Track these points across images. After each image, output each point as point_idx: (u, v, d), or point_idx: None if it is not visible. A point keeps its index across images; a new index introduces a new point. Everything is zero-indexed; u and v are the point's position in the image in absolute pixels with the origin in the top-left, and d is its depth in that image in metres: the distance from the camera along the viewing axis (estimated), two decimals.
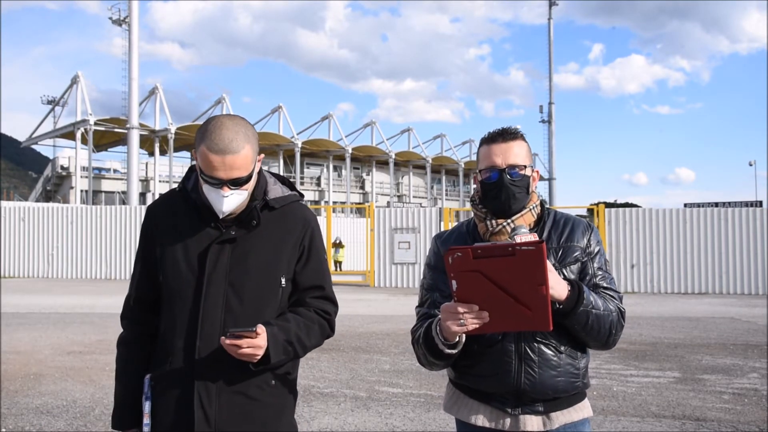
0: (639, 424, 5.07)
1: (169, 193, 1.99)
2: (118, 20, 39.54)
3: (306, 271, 1.93)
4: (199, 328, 1.82)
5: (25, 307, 12.50)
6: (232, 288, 1.84)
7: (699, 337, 9.39)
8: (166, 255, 1.88)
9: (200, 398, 1.81)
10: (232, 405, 1.83)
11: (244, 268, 1.85)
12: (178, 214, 1.91)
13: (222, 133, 1.75)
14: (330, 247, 20.47)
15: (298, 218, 1.95)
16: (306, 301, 1.94)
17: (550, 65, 47.82)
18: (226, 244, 1.86)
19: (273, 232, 1.90)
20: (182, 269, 1.85)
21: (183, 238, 1.88)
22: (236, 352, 1.73)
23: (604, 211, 17.68)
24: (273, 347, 1.78)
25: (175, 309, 1.86)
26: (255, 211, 1.86)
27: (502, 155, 1.89)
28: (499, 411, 1.89)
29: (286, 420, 1.95)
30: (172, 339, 1.86)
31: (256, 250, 1.87)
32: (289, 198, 1.95)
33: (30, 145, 52.08)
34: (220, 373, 1.81)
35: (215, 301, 1.83)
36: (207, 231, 1.87)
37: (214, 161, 1.75)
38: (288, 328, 1.84)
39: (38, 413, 5.35)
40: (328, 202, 51.84)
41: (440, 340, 1.77)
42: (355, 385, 6.30)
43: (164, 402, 1.85)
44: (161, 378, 1.87)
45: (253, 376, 1.83)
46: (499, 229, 1.90)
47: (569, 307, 1.76)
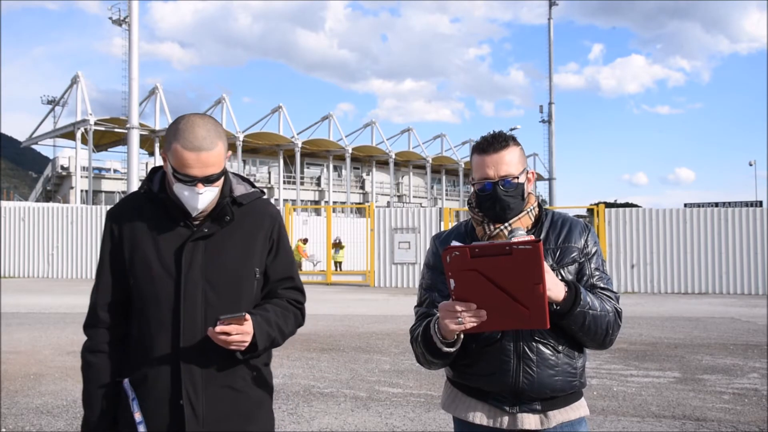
0: (639, 424, 5.07)
1: (131, 196, 1.99)
2: (118, 20, 39.52)
3: (276, 263, 1.99)
4: (181, 327, 1.83)
5: (25, 307, 12.50)
6: (209, 284, 1.86)
7: (699, 337, 9.39)
8: (135, 258, 1.87)
9: (188, 394, 1.82)
10: (218, 399, 1.85)
11: (219, 264, 1.88)
12: (144, 216, 1.90)
13: (195, 130, 1.78)
14: (330, 248, 20.46)
15: (265, 213, 2.00)
16: (278, 292, 1.99)
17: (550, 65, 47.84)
18: (200, 242, 1.87)
19: (243, 227, 1.94)
20: (156, 270, 1.85)
21: (153, 239, 1.87)
22: (226, 340, 1.75)
23: (604, 211, 17.68)
24: (259, 334, 1.82)
25: (151, 311, 1.86)
26: (228, 207, 1.90)
27: (494, 167, 1.89)
28: (497, 409, 1.90)
29: (265, 411, 1.99)
30: (150, 340, 1.85)
31: (229, 246, 1.90)
32: (253, 195, 2.00)
33: (30, 145, 52.10)
34: (206, 367, 1.84)
35: (194, 299, 1.84)
36: (178, 230, 1.88)
37: (189, 159, 1.77)
38: (268, 317, 1.89)
39: (38, 413, 5.35)
40: (328, 202, 51.85)
41: (438, 338, 1.78)
42: (355, 385, 6.30)
43: (150, 402, 1.85)
44: (143, 379, 1.86)
45: (236, 366, 1.87)
46: (497, 233, 1.91)
47: (566, 308, 1.77)
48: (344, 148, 54.61)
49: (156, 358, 1.84)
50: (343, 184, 56.49)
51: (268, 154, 54.35)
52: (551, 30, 47.27)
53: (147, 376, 1.85)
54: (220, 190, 1.88)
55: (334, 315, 11.79)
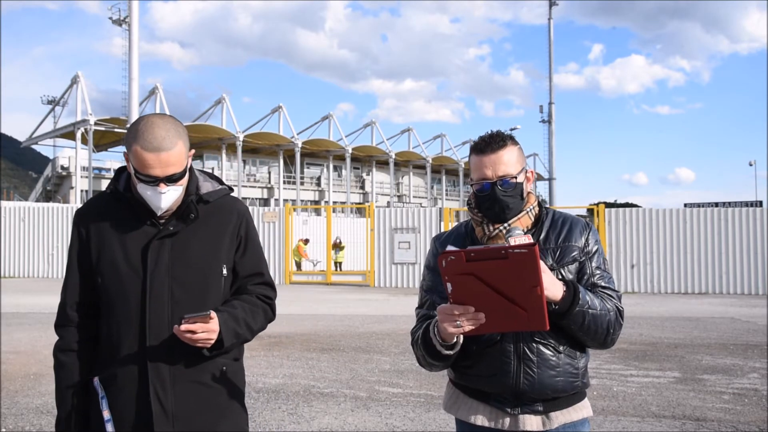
0: (639, 424, 5.07)
1: (98, 196, 2.00)
2: (118, 20, 39.51)
3: (245, 259, 2.00)
4: (147, 324, 1.84)
5: (25, 307, 12.49)
6: (175, 281, 1.87)
7: (699, 337, 9.39)
8: (103, 256, 1.89)
9: (156, 391, 1.83)
10: (187, 394, 1.86)
11: (185, 261, 1.89)
12: (111, 216, 1.92)
13: (154, 131, 1.78)
14: (330, 248, 20.46)
15: (232, 210, 2.01)
16: (247, 288, 2.01)
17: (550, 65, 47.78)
18: (166, 240, 1.89)
19: (210, 224, 1.95)
20: (122, 269, 1.87)
21: (119, 238, 1.89)
22: (191, 338, 1.76)
23: (604, 211, 17.68)
24: (225, 332, 1.83)
25: (118, 309, 1.87)
26: (192, 205, 1.91)
27: (492, 167, 1.88)
28: (499, 411, 1.89)
29: (238, 406, 1.99)
30: (118, 338, 1.87)
31: (195, 243, 1.91)
32: (220, 192, 2.00)
33: (30, 145, 52.10)
34: (173, 364, 1.85)
35: (160, 296, 1.85)
36: (144, 229, 1.89)
37: (149, 159, 1.78)
38: (236, 313, 1.90)
39: (38, 413, 5.35)
40: (328, 202, 51.84)
41: (438, 341, 1.77)
42: (355, 385, 6.30)
43: (119, 400, 1.86)
44: (112, 378, 1.87)
45: (204, 362, 1.87)
46: (496, 233, 1.90)
47: (565, 308, 1.76)
48: (344, 148, 54.61)
49: (124, 356, 1.85)
50: (343, 184, 56.49)
51: (268, 154, 54.35)
52: (551, 30, 47.24)
53: (116, 375, 1.86)
54: (184, 189, 1.89)
55: (334, 315, 11.79)
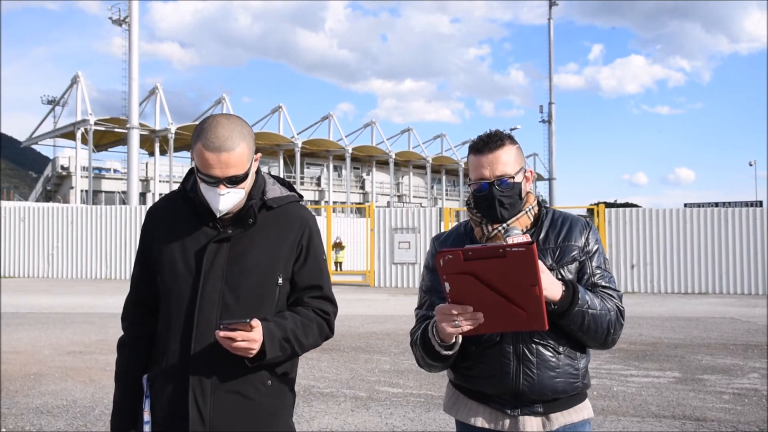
0: (639, 424, 5.07)
1: (170, 195, 2.00)
2: (118, 20, 39.53)
3: (304, 270, 1.93)
4: (194, 326, 1.81)
5: (25, 307, 12.50)
6: (228, 286, 1.84)
7: (699, 337, 9.39)
8: (163, 255, 1.89)
9: (195, 396, 1.80)
10: (226, 404, 1.82)
11: (241, 267, 1.85)
12: (176, 215, 1.92)
13: (217, 131, 1.76)
14: (330, 248, 20.46)
15: (296, 218, 1.94)
16: (304, 300, 1.93)
17: (550, 65, 47.84)
18: (224, 243, 1.86)
19: (270, 231, 1.90)
20: (179, 268, 1.86)
21: (181, 238, 1.88)
22: (231, 346, 1.72)
23: (604, 211, 17.68)
24: (269, 342, 1.76)
25: (172, 308, 1.86)
26: (252, 210, 1.87)
27: (490, 167, 1.87)
28: (499, 412, 1.88)
29: (282, 421, 1.93)
30: (167, 337, 1.86)
31: (253, 249, 1.87)
32: (287, 198, 1.95)
33: (30, 145, 52.09)
34: (216, 371, 1.81)
35: (211, 300, 1.83)
36: (204, 230, 1.87)
37: (210, 159, 1.76)
38: (284, 324, 1.83)
39: (38, 413, 5.35)
40: (328, 202, 51.83)
41: (437, 341, 1.77)
42: (355, 385, 6.30)
43: (160, 400, 1.85)
44: (157, 377, 1.86)
45: (249, 374, 1.82)
46: (495, 233, 1.89)
47: (564, 308, 1.76)
48: (344, 148, 54.61)
49: (170, 356, 1.84)
50: (343, 184, 56.48)
51: (268, 154, 54.31)
52: (551, 30, 47.28)
53: (161, 374, 1.86)
54: (246, 192, 1.86)
55: None
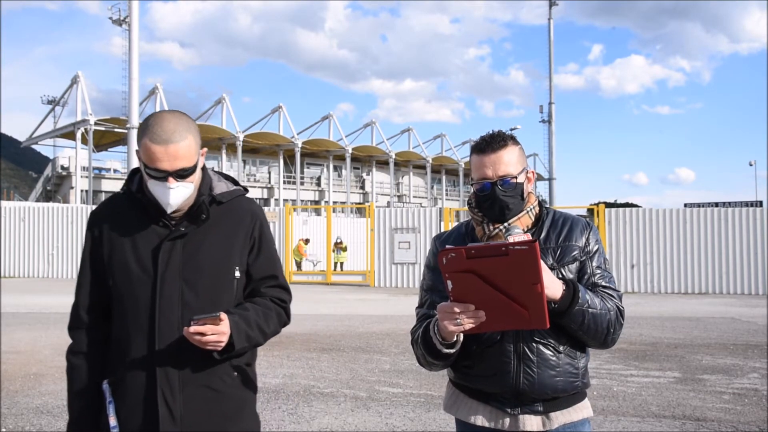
0: (639, 424, 5.07)
1: (113, 197, 1.99)
2: (118, 20, 39.51)
3: (259, 261, 1.96)
4: (156, 327, 1.81)
5: (25, 307, 12.50)
6: (186, 284, 1.85)
7: (699, 337, 9.39)
8: (114, 258, 1.87)
9: (163, 394, 1.81)
10: (196, 398, 1.84)
11: (196, 263, 1.86)
12: (124, 217, 1.90)
13: (164, 125, 1.77)
14: (330, 248, 20.46)
15: (246, 211, 1.97)
16: (261, 290, 1.97)
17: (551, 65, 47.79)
18: (177, 241, 1.86)
19: (223, 225, 1.92)
20: (133, 270, 1.85)
21: (131, 239, 1.87)
22: (201, 341, 1.73)
23: (604, 211, 17.69)
24: (236, 334, 1.80)
25: (129, 311, 1.85)
26: (204, 206, 1.88)
27: (493, 167, 1.88)
28: (499, 411, 1.89)
29: (249, 412, 1.96)
30: (128, 341, 1.85)
31: (207, 245, 1.89)
32: (235, 192, 1.98)
33: (30, 145, 52.10)
34: (182, 367, 1.82)
35: (170, 298, 1.83)
36: (156, 229, 1.87)
37: (158, 152, 1.76)
38: (248, 316, 1.86)
39: (38, 413, 5.35)
40: (328, 202, 51.84)
41: (438, 340, 1.77)
42: (355, 385, 6.30)
43: (127, 404, 1.84)
44: (121, 380, 1.85)
45: (215, 366, 1.84)
46: (496, 233, 1.90)
47: (564, 307, 1.76)
48: (344, 148, 54.62)
49: (133, 359, 1.83)
50: (343, 184, 56.49)
51: (268, 154, 54.35)
52: (551, 30, 47.26)
53: (125, 378, 1.84)
54: (196, 188, 1.87)
55: (334, 315, 11.79)
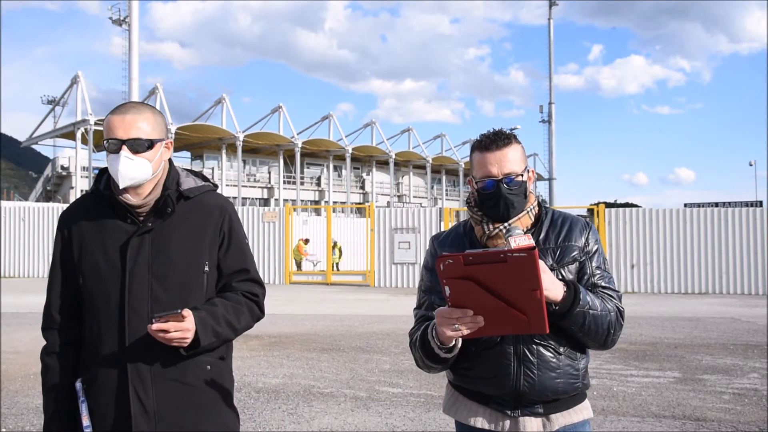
0: (639, 424, 5.07)
1: (81, 198, 2.01)
2: (118, 20, 39.51)
3: (229, 256, 1.97)
4: (126, 323, 1.82)
5: (25, 307, 12.48)
6: (156, 279, 1.85)
7: (699, 337, 9.39)
8: (84, 257, 1.88)
9: (135, 390, 1.81)
10: (168, 393, 1.84)
11: (165, 258, 1.87)
12: (92, 216, 1.91)
13: (127, 103, 1.88)
14: (330, 248, 20.47)
15: (214, 206, 1.98)
16: (232, 285, 1.97)
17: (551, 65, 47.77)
18: (146, 236, 1.87)
19: (191, 220, 1.93)
20: (102, 268, 1.86)
21: (100, 237, 1.88)
22: (164, 338, 1.74)
23: (604, 211, 17.68)
24: (201, 330, 1.80)
25: (100, 309, 1.86)
26: (169, 199, 1.89)
27: (497, 164, 1.86)
28: (499, 413, 1.88)
29: (225, 406, 1.96)
30: (99, 339, 1.85)
31: (176, 239, 1.89)
32: (203, 188, 1.98)
33: (30, 145, 52.08)
34: (152, 362, 1.83)
35: (140, 294, 1.84)
36: (123, 226, 1.88)
37: (115, 121, 1.81)
38: (215, 311, 1.87)
39: (38, 413, 5.35)
40: (328, 202, 51.82)
41: (436, 344, 1.76)
42: (355, 385, 6.30)
43: (100, 401, 1.84)
44: (93, 379, 1.86)
45: (186, 361, 1.85)
46: (496, 232, 1.88)
47: (565, 308, 1.75)
48: (344, 148, 54.59)
49: (104, 356, 1.84)
50: (343, 184, 56.47)
51: (268, 154, 54.31)
52: (551, 30, 47.23)
53: (97, 375, 1.85)
54: (157, 177, 1.88)
55: (334, 315, 11.78)
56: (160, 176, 1.91)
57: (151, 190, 1.88)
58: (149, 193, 1.88)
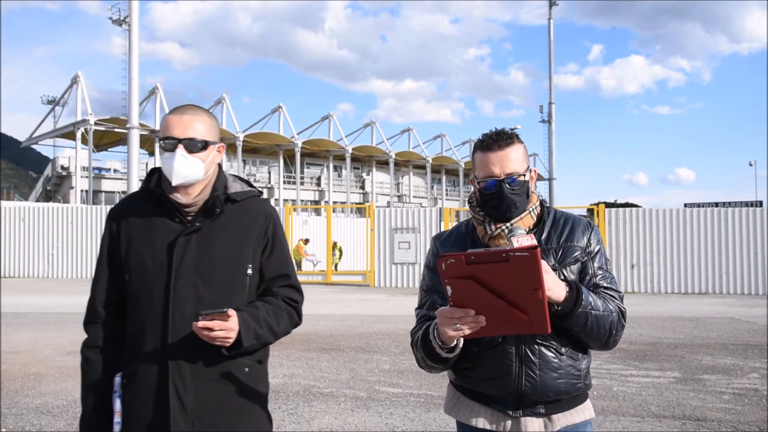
0: (639, 424, 5.07)
1: (131, 195, 2.04)
2: (118, 20, 39.48)
3: (271, 261, 1.99)
4: (170, 320, 1.84)
5: (25, 307, 12.49)
6: (200, 278, 1.87)
7: (699, 337, 9.39)
8: (131, 253, 1.91)
9: (175, 387, 1.83)
10: (207, 392, 1.86)
11: (210, 258, 1.89)
12: (141, 214, 1.94)
13: (185, 105, 1.94)
14: (330, 248, 20.46)
15: (260, 211, 2.01)
16: (273, 290, 2.00)
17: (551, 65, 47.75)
18: (192, 236, 1.89)
19: (237, 223, 1.95)
20: (148, 265, 1.88)
21: (148, 235, 1.91)
22: (209, 336, 1.75)
23: (604, 211, 17.68)
24: (244, 331, 1.82)
25: (143, 305, 1.88)
26: (218, 200, 1.92)
27: (500, 164, 1.85)
28: (500, 413, 1.88)
29: (260, 409, 1.98)
30: (142, 335, 1.87)
31: (221, 240, 1.92)
32: (249, 193, 2.02)
33: (30, 145, 52.07)
34: (194, 361, 1.84)
35: (184, 292, 1.86)
36: (171, 225, 1.91)
37: (172, 120, 1.87)
38: (257, 314, 1.89)
39: (38, 413, 5.35)
40: (328, 202, 51.82)
41: (438, 343, 1.76)
42: (355, 385, 6.30)
43: (139, 395, 1.86)
44: (133, 374, 1.87)
45: (226, 362, 1.87)
46: (498, 232, 1.88)
47: (568, 309, 1.75)
48: (344, 148, 54.59)
49: (146, 352, 1.86)
50: (343, 184, 56.46)
51: (268, 154, 54.32)
52: (551, 30, 47.23)
53: (138, 371, 1.87)
54: (206, 171, 1.91)
55: (334, 315, 11.78)
56: (210, 178, 1.95)
57: (200, 191, 1.93)
58: (199, 194, 1.92)
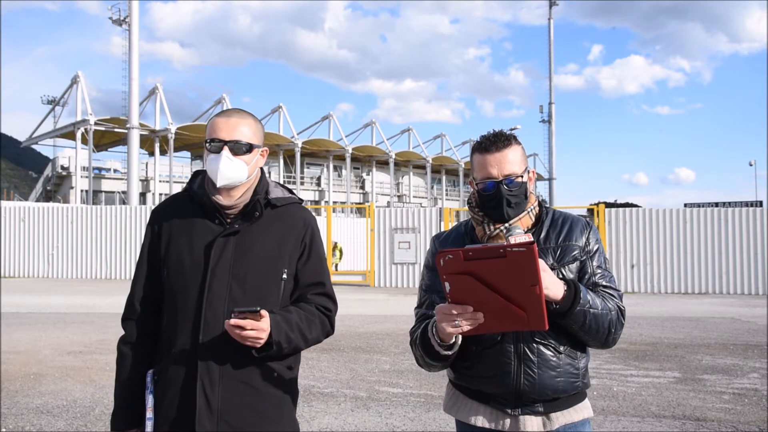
0: (639, 424, 5.07)
1: (173, 196, 2.08)
2: (118, 20, 39.53)
3: (307, 267, 2.00)
4: (202, 319, 1.86)
5: (25, 307, 12.49)
6: (235, 279, 1.89)
7: (699, 337, 9.39)
8: (170, 252, 1.94)
9: (203, 385, 1.84)
10: (234, 393, 1.86)
11: (247, 260, 1.91)
12: (182, 214, 1.97)
13: (232, 108, 1.99)
14: (330, 248, 20.47)
15: (298, 217, 2.02)
16: (307, 297, 2.00)
17: (551, 65, 47.84)
18: (231, 237, 1.92)
19: (275, 228, 1.97)
20: (186, 264, 1.91)
21: (188, 235, 1.94)
22: (240, 334, 1.75)
23: (604, 211, 17.68)
24: (276, 333, 1.82)
25: (178, 303, 1.90)
26: (258, 204, 1.94)
27: (498, 166, 1.87)
28: (499, 412, 1.88)
29: (288, 414, 1.98)
30: (174, 332, 1.89)
31: (259, 243, 1.93)
32: (289, 199, 2.04)
33: (30, 145, 52.08)
34: (223, 362, 1.85)
35: (219, 292, 1.87)
36: (211, 226, 1.93)
37: (219, 122, 1.91)
38: (290, 318, 1.89)
39: (38, 413, 5.35)
40: (328, 202, 51.84)
41: (436, 341, 1.77)
42: (355, 385, 6.30)
43: (168, 393, 1.88)
44: (164, 371, 1.90)
45: (255, 365, 1.87)
46: (497, 233, 1.89)
47: (566, 307, 1.75)
48: (344, 148, 54.60)
49: (177, 350, 1.88)
50: (343, 184, 56.48)
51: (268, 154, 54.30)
52: (551, 30, 47.28)
53: (168, 368, 1.89)
54: (249, 174, 1.94)
55: None
56: (252, 181, 1.98)
57: (242, 194, 1.95)
58: (240, 196, 1.95)
